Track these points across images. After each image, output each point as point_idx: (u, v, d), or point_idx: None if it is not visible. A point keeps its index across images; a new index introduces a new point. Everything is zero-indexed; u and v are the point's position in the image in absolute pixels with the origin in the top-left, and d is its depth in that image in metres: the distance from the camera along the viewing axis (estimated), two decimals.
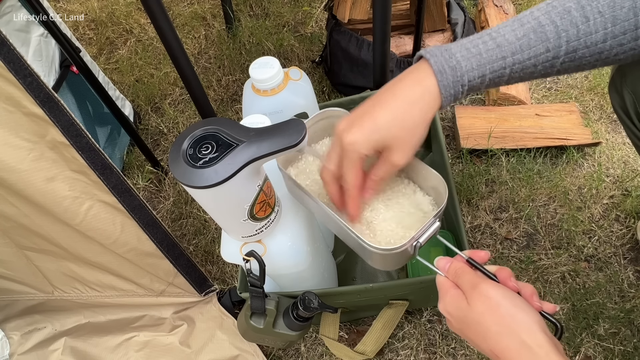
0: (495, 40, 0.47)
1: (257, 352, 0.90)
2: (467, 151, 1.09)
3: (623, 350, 0.83)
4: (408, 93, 0.49)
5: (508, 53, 0.47)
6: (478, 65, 0.47)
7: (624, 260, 0.92)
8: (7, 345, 0.97)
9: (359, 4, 1.17)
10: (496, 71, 0.48)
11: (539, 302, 0.45)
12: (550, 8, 0.47)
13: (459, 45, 0.48)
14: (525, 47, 0.47)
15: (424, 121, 0.49)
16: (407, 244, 0.52)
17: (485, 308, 0.43)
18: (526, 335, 0.40)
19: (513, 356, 0.41)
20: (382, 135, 0.49)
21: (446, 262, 0.49)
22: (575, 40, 0.46)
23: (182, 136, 0.50)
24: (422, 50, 0.50)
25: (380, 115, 0.49)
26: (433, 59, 0.48)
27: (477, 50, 0.48)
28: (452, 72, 0.47)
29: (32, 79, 0.60)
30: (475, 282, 0.45)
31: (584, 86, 1.19)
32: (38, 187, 0.66)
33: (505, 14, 1.31)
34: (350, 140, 0.49)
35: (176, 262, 0.86)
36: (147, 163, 1.23)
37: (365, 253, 0.55)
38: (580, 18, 0.46)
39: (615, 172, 1.03)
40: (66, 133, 0.66)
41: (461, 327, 0.46)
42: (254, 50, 1.44)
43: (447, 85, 0.48)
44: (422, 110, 0.49)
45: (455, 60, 0.47)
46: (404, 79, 0.50)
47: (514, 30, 0.47)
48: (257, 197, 0.53)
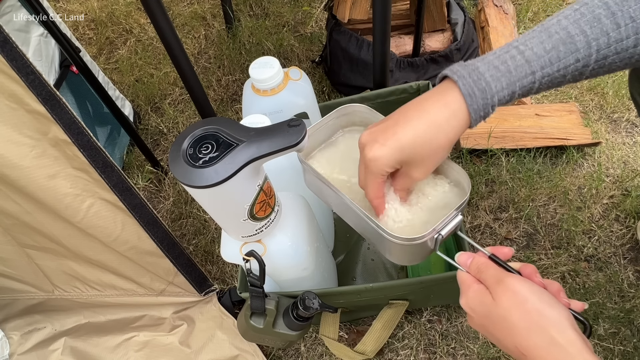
0: (524, 55, 0.46)
1: (257, 352, 0.90)
2: (467, 151, 1.09)
3: (623, 350, 0.83)
4: (435, 115, 0.48)
5: (537, 68, 0.46)
6: (508, 84, 0.46)
7: (623, 260, 0.92)
8: (6, 345, 0.97)
9: (359, 4, 1.17)
10: (525, 86, 0.47)
11: (567, 299, 0.43)
12: (579, 16, 0.45)
13: (486, 63, 0.47)
14: (555, 59, 0.45)
15: (448, 143, 0.49)
16: (427, 236, 0.51)
17: (511, 303, 0.41)
18: (556, 332, 0.39)
19: (542, 354, 0.39)
20: (405, 155, 0.49)
21: (468, 258, 0.48)
22: (606, 48, 0.45)
23: (182, 136, 0.50)
24: (447, 70, 0.48)
25: (405, 134, 0.48)
26: (461, 81, 0.46)
27: (505, 68, 0.46)
28: (482, 94, 0.46)
29: (35, 76, 0.61)
30: (500, 276, 0.43)
31: (583, 86, 1.19)
32: (40, 184, 0.67)
33: (505, 13, 1.31)
34: (373, 157, 0.49)
35: (176, 261, 0.86)
36: (147, 163, 1.23)
37: (384, 245, 0.55)
38: (611, 25, 0.44)
39: (615, 172, 1.04)
40: (68, 131, 0.66)
41: (484, 323, 0.44)
42: (254, 50, 1.44)
43: (477, 109, 0.47)
44: (447, 133, 0.48)
45: (485, 82, 0.46)
46: (430, 98, 0.49)
47: (542, 43, 0.46)
48: (257, 196, 0.53)
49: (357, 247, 0.97)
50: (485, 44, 1.28)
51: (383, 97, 0.91)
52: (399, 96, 0.92)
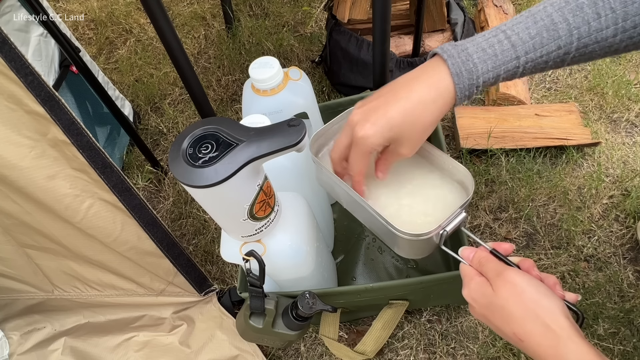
0: (510, 40, 0.48)
1: (256, 352, 0.90)
2: (467, 151, 1.09)
3: (623, 350, 0.83)
4: (423, 94, 0.50)
5: (522, 52, 0.48)
6: (494, 67, 0.49)
7: (623, 260, 0.92)
8: (6, 346, 0.97)
9: (359, 4, 1.17)
10: (509, 70, 0.49)
11: (562, 291, 0.46)
12: (564, 3, 0.47)
13: (475, 44, 0.49)
14: (538, 45, 0.48)
15: (435, 121, 0.52)
16: (433, 232, 0.54)
17: (509, 294, 0.44)
18: (549, 319, 0.42)
19: (537, 339, 0.42)
20: (394, 133, 0.51)
21: (470, 252, 0.51)
22: (587, 36, 0.47)
23: (182, 136, 0.50)
24: (438, 48, 0.51)
25: (394, 113, 0.51)
26: (450, 60, 0.49)
27: (493, 52, 0.48)
28: (469, 74, 0.49)
29: (33, 77, 0.61)
30: (500, 269, 0.46)
31: (583, 86, 1.19)
32: (39, 185, 0.67)
33: (505, 14, 1.31)
34: (363, 135, 0.52)
35: (176, 261, 0.86)
36: (146, 163, 1.23)
37: (392, 239, 0.58)
38: (592, 15, 0.46)
39: (614, 172, 1.04)
40: (67, 131, 0.66)
41: (485, 312, 0.47)
42: (254, 50, 1.44)
43: (463, 88, 0.49)
44: (434, 111, 0.51)
45: (472, 63, 0.48)
46: (419, 77, 0.51)
47: (527, 29, 0.48)
48: (256, 196, 0.53)
49: (357, 247, 0.97)
50: None
51: None
52: None
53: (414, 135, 0.52)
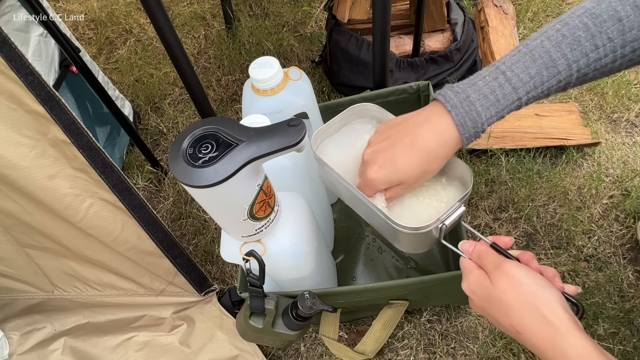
0: (511, 82, 0.49)
1: (256, 352, 0.90)
2: (467, 151, 1.09)
3: (623, 350, 0.83)
4: (428, 143, 0.53)
5: (523, 93, 0.49)
6: (497, 112, 0.50)
7: (623, 260, 0.92)
8: (6, 346, 0.97)
9: (359, 4, 1.17)
10: (512, 110, 0.51)
11: (561, 283, 0.46)
12: (561, 38, 0.48)
13: (476, 90, 0.50)
14: (539, 84, 0.49)
15: (438, 166, 0.55)
16: (432, 225, 0.55)
17: (507, 286, 0.44)
18: (547, 311, 0.42)
19: (535, 332, 0.42)
20: (399, 177, 0.55)
21: (470, 245, 0.52)
22: (585, 67, 0.48)
23: (182, 135, 0.50)
24: (439, 95, 0.52)
25: (400, 160, 0.54)
26: (454, 111, 0.51)
27: (495, 98, 0.50)
28: (473, 124, 0.51)
29: (34, 77, 0.61)
30: (498, 262, 0.47)
31: (583, 86, 1.19)
32: (39, 184, 0.67)
33: (504, 13, 1.31)
34: (371, 177, 0.56)
35: (176, 261, 0.86)
36: (146, 163, 1.23)
37: (392, 234, 0.60)
38: (590, 47, 0.47)
39: (614, 172, 1.04)
40: (67, 131, 0.66)
41: (483, 305, 0.47)
42: (254, 50, 1.44)
43: (468, 136, 0.52)
44: (438, 158, 0.54)
45: (476, 112, 0.50)
46: (424, 124, 0.53)
47: (527, 68, 0.49)
48: (256, 196, 0.53)
49: (357, 247, 0.97)
50: (485, 44, 1.28)
51: (383, 97, 0.91)
52: (398, 96, 0.91)
53: (418, 178, 0.55)
